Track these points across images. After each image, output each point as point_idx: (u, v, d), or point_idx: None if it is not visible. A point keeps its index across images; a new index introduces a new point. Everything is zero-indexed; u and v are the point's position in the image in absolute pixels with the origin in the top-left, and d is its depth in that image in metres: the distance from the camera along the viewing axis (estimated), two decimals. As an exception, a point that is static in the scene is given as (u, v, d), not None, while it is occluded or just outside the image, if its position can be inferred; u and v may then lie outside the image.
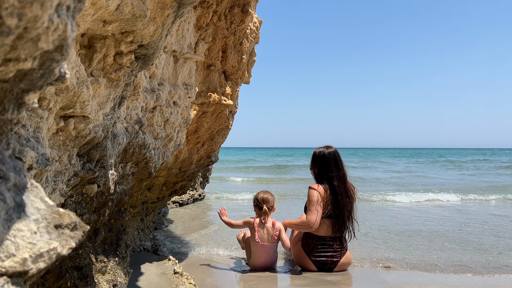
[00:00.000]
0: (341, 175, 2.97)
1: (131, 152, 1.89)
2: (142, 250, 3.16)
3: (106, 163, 1.43)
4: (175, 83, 2.38)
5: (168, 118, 2.29)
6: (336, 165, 2.98)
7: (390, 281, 2.65)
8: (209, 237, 3.98)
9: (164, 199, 3.60)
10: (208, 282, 2.59)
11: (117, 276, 1.77)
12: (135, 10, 1.08)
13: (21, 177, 0.53)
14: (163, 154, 2.48)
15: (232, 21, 2.92)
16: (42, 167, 0.84)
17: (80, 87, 1.06)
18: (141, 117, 1.90)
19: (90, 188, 1.38)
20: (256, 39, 3.25)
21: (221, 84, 3.06)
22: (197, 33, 2.58)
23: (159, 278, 2.47)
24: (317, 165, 3.07)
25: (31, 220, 0.50)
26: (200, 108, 2.93)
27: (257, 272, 2.82)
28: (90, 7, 0.98)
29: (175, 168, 3.16)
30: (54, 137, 1.11)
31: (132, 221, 2.96)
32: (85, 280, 1.44)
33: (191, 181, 3.89)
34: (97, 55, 1.16)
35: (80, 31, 1.07)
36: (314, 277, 2.72)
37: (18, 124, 0.76)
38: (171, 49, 2.19)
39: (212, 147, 3.53)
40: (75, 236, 0.53)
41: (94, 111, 1.20)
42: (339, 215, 2.90)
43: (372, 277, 2.75)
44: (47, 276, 1.30)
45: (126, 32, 1.15)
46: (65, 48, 0.51)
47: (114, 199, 1.69)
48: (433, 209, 6.01)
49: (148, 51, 1.27)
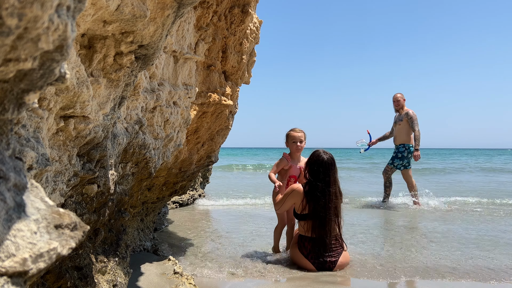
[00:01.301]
0: (330, 179, 3.02)
1: (131, 152, 1.89)
2: (142, 250, 3.16)
3: (106, 163, 1.43)
4: (175, 83, 2.38)
5: (168, 118, 2.30)
6: (325, 171, 3.04)
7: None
8: (208, 236, 3.98)
9: (164, 199, 3.60)
10: (208, 282, 2.59)
11: (117, 276, 1.77)
12: (135, 10, 1.08)
13: (21, 177, 0.53)
14: (163, 154, 2.48)
15: (232, 21, 2.92)
16: (42, 167, 0.84)
17: (80, 87, 1.06)
18: (141, 117, 1.90)
19: (90, 188, 1.38)
20: (256, 39, 3.26)
21: (221, 84, 3.06)
22: (197, 33, 2.59)
23: (159, 278, 2.47)
24: (308, 165, 3.15)
25: (31, 220, 0.50)
26: (200, 108, 2.93)
27: (257, 271, 2.82)
28: (90, 7, 0.98)
29: (175, 168, 3.16)
30: (54, 137, 1.11)
31: (132, 221, 2.96)
32: (85, 280, 1.44)
33: (191, 181, 3.89)
34: (97, 55, 1.16)
35: (80, 31, 1.07)
36: (313, 277, 2.72)
37: (18, 124, 0.76)
38: (171, 49, 2.19)
39: (212, 147, 3.54)
40: (75, 236, 0.53)
41: (94, 111, 1.20)
42: (325, 216, 2.94)
43: (371, 277, 2.75)
44: (47, 276, 1.30)
45: (126, 32, 1.15)
46: (65, 48, 0.51)
47: (114, 199, 1.69)
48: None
49: (148, 51, 1.27)
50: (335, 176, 3.07)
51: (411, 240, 3.85)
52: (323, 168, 3.04)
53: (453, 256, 3.27)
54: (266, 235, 4.04)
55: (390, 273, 2.83)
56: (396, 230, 4.41)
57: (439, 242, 3.78)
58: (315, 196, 3.00)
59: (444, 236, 4.02)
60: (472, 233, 4.17)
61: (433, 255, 3.28)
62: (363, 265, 3.01)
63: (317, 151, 3.16)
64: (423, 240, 3.85)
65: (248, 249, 3.47)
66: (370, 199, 6.98)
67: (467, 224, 4.72)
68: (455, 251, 3.43)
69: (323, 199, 2.97)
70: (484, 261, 3.13)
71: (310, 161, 3.13)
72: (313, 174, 3.07)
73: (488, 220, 5.01)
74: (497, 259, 3.18)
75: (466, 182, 11.52)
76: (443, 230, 4.36)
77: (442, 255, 3.28)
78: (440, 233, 4.19)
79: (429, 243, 3.72)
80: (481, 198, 7.21)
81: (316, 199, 2.99)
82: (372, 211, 5.85)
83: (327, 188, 3.00)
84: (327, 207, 2.96)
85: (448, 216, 5.34)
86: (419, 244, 3.70)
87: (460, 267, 2.95)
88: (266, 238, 3.89)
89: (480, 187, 9.84)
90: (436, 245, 3.65)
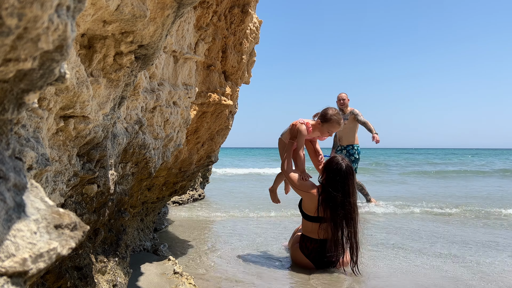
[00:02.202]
0: (349, 189, 2.89)
1: (131, 152, 1.89)
2: (142, 250, 3.16)
3: (106, 163, 1.43)
4: (175, 83, 2.38)
5: (168, 118, 2.30)
6: (344, 180, 2.90)
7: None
8: (209, 237, 3.98)
9: (164, 199, 3.60)
10: (208, 282, 2.59)
11: (117, 276, 1.77)
12: (135, 10, 1.08)
13: (21, 177, 0.53)
14: (163, 154, 2.48)
15: (232, 21, 2.92)
16: (42, 167, 0.84)
17: (80, 87, 1.06)
18: (141, 117, 1.90)
19: (90, 188, 1.38)
20: (256, 39, 3.26)
21: (221, 84, 3.06)
22: (197, 33, 2.59)
23: (159, 278, 2.47)
24: (325, 172, 2.99)
25: (31, 220, 0.50)
26: (200, 108, 2.93)
27: (257, 271, 2.82)
28: (90, 7, 0.98)
29: (175, 168, 3.16)
30: (54, 137, 1.11)
31: (132, 221, 2.96)
32: (85, 280, 1.44)
33: (191, 181, 3.89)
34: (97, 55, 1.16)
35: (80, 31, 1.07)
36: (314, 277, 2.73)
37: (18, 124, 0.76)
38: (171, 49, 2.19)
39: (212, 147, 3.54)
40: (75, 236, 0.53)
41: (94, 111, 1.20)
42: (334, 219, 2.87)
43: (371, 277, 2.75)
44: (47, 276, 1.30)
45: (126, 32, 1.15)
46: (65, 48, 0.51)
47: (114, 199, 1.69)
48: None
49: (148, 51, 1.27)
50: (353, 186, 2.93)
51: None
52: (340, 177, 2.89)
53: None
54: (267, 235, 4.05)
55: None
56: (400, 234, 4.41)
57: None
58: (333, 206, 2.86)
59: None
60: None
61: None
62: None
63: (335, 157, 3.00)
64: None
65: (249, 249, 3.47)
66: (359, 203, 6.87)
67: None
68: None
69: (342, 211, 2.84)
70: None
71: (328, 168, 2.97)
72: (330, 183, 2.91)
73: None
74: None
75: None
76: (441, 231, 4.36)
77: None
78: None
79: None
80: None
81: (334, 210, 2.86)
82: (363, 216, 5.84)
83: (346, 199, 2.86)
84: (347, 218, 2.85)
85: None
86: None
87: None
88: (266, 238, 3.89)
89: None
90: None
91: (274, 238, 3.92)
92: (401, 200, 6.81)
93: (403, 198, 7.22)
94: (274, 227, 4.49)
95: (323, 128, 3.17)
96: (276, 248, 3.51)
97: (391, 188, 9.55)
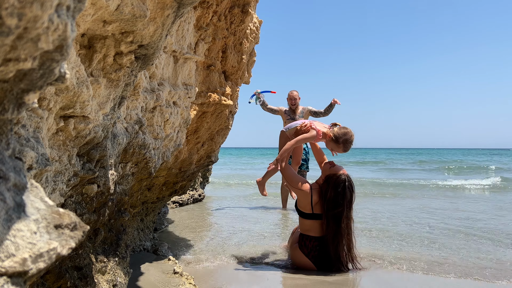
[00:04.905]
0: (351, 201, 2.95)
1: (131, 152, 1.89)
2: (142, 250, 3.16)
3: (106, 163, 1.43)
4: (175, 83, 2.38)
5: (168, 118, 2.30)
6: (344, 194, 2.93)
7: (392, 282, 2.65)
8: (208, 237, 3.98)
9: (164, 199, 3.60)
10: (208, 282, 2.59)
11: (117, 276, 1.77)
12: (135, 10, 1.08)
13: (21, 177, 0.53)
14: (163, 154, 2.48)
15: (232, 21, 2.92)
16: (42, 167, 0.84)
17: (80, 87, 1.06)
18: (141, 117, 1.90)
19: (90, 188, 1.38)
20: (256, 39, 3.26)
21: (221, 84, 3.06)
22: (197, 33, 2.59)
23: (159, 278, 2.47)
24: (328, 185, 3.00)
25: (31, 220, 0.50)
26: (200, 108, 2.93)
27: (257, 271, 2.82)
28: (90, 7, 0.98)
29: (175, 168, 3.16)
30: (54, 137, 1.11)
31: (132, 221, 2.96)
32: (85, 280, 1.44)
33: (191, 181, 3.89)
34: (97, 55, 1.16)
35: (80, 31, 1.07)
36: (314, 278, 2.73)
37: (18, 124, 0.76)
38: (171, 49, 2.19)
39: (212, 147, 3.54)
40: (75, 236, 0.53)
41: (94, 111, 1.20)
42: (334, 217, 2.89)
43: (372, 278, 2.75)
44: (47, 276, 1.30)
45: (126, 32, 1.15)
46: (65, 48, 0.51)
47: (114, 199, 1.69)
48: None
49: (148, 51, 1.27)
50: (354, 199, 2.99)
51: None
52: (342, 190, 2.93)
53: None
54: (268, 235, 4.05)
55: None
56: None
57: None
58: (335, 217, 2.90)
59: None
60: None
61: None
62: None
63: (338, 172, 3.01)
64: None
65: (249, 249, 3.47)
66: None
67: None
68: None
69: (346, 221, 2.91)
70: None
71: (330, 182, 2.98)
72: (332, 196, 2.94)
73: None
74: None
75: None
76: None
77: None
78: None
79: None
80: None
81: (336, 220, 2.91)
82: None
83: (347, 211, 2.93)
84: (347, 224, 2.91)
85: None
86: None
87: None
88: (267, 238, 3.89)
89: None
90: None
91: (275, 238, 3.93)
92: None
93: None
94: (275, 227, 4.49)
95: (329, 142, 3.16)
96: (276, 248, 3.51)
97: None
